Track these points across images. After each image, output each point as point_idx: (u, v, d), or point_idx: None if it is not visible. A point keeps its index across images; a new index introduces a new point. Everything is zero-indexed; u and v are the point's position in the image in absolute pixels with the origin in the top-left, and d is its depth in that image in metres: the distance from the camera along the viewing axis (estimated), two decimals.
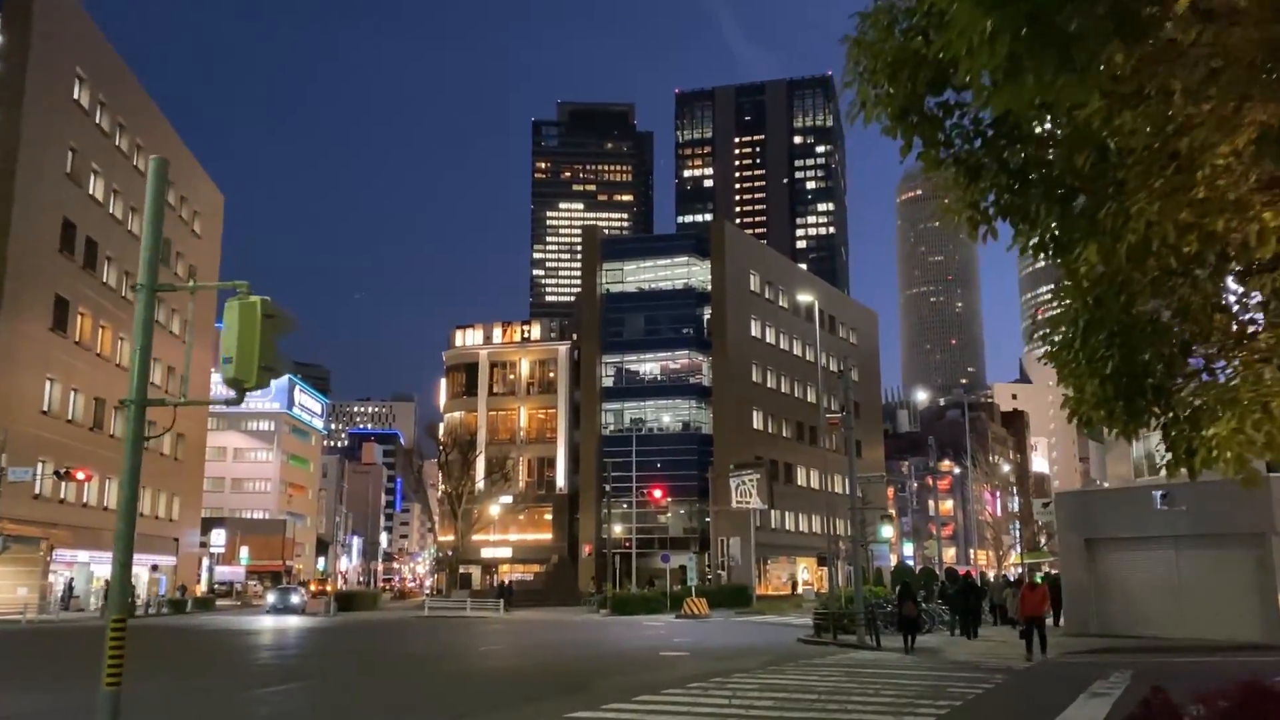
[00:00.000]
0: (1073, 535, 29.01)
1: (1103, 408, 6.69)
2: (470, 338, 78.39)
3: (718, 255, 71.98)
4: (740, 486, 61.55)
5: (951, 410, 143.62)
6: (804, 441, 78.02)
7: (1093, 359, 6.58)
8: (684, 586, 48.57)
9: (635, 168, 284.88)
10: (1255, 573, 24.18)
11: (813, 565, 73.45)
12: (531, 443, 75.07)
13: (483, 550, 73.42)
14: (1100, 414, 6.75)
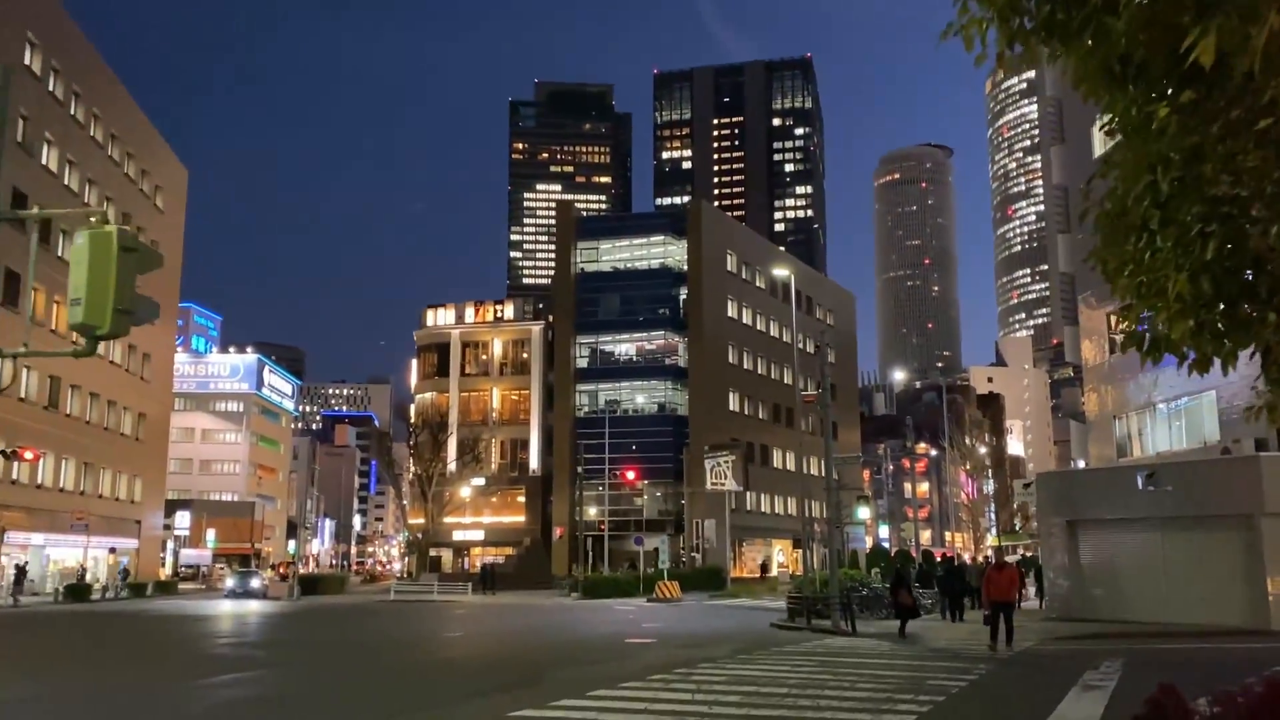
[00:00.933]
0: (1054, 517, 28.14)
1: (1190, 316, 4.81)
2: (442, 317, 76.89)
3: (694, 235, 70.77)
4: (715, 468, 60.63)
5: (928, 393, 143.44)
6: (780, 423, 77.16)
7: (1181, 241, 4.58)
8: (657, 569, 47.59)
9: (613, 149, 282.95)
10: (1242, 555, 23.35)
11: (788, 547, 72.72)
12: (504, 424, 73.77)
13: (454, 533, 72.19)
14: (1184, 326, 4.84)
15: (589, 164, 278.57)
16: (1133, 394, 29.88)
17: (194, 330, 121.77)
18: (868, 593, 28.94)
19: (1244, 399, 24.69)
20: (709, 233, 71.78)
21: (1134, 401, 29.81)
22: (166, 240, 66.21)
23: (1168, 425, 28.39)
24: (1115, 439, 30.82)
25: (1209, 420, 26.26)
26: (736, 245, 76.05)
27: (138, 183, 61.20)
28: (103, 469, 56.23)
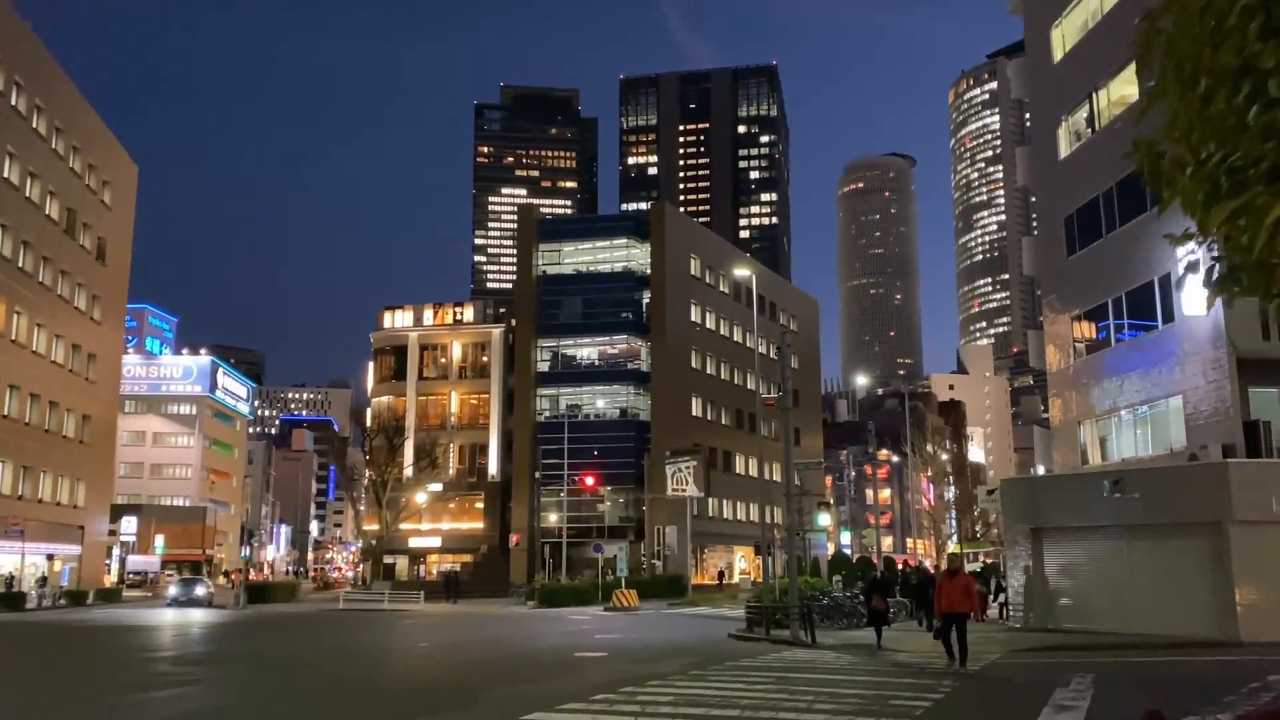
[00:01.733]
0: (1019, 524, 27.49)
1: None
2: (400, 319, 75.43)
3: (658, 238, 69.94)
4: (677, 474, 59.81)
5: (890, 400, 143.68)
6: (743, 429, 76.49)
7: None
8: (615, 577, 46.61)
9: (579, 154, 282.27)
10: (1210, 564, 22.77)
11: (750, 554, 71.99)
12: (463, 429, 72.46)
13: (411, 540, 70.76)
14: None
15: (554, 168, 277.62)
16: (1097, 399, 29.35)
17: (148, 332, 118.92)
18: (828, 602, 28.16)
19: (1210, 405, 24.18)
20: (672, 236, 70.99)
21: (1099, 407, 29.27)
22: (114, 238, 64.37)
23: (1133, 431, 27.86)
24: (1079, 445, 30.26)
25: (1175, 426, 25.71)
26: (700, 249, 75.35)
27: (84, 178, 59.31)
28: (43, 472, 54.24)
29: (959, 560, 18.92)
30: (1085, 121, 30.43)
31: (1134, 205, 27.36)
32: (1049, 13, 32.14)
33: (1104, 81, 29.21)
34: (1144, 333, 27.17)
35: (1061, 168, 31.51)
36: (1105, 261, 28.81)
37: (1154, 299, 26.47)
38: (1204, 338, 24.48)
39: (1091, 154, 29.78)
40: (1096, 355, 29.55)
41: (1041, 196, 33.25)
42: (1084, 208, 29.93)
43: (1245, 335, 23.69)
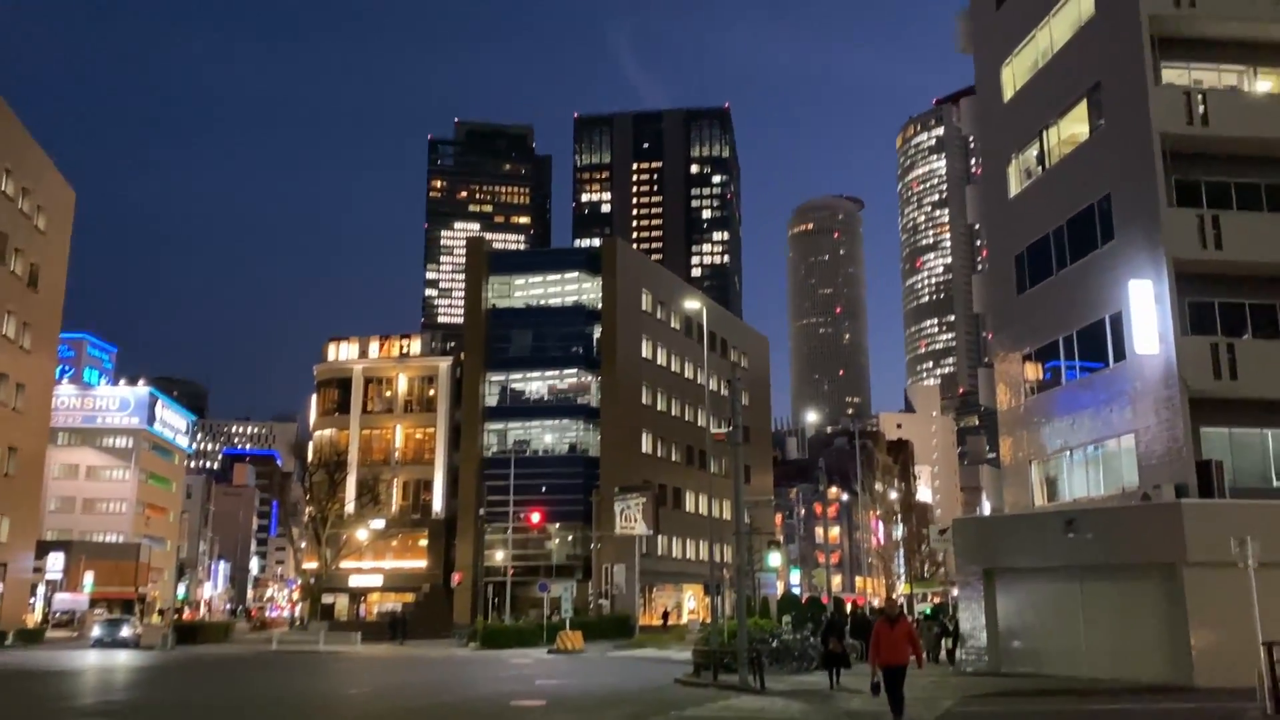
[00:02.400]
0: (971, 565, 27.00)
1: None
2: (345, 351, 73.83)
3: (609, 272, 69.40)
4: (625, 511, 58.74)
5: (839, 438, 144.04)
6: (693, 465, 75.81)
7: None
8: (560, 618, 45.38)
9: (533, 190, 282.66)
10: (1165, 607, 22.39)
11: (699, 593, 71.01)
12: (407, 464, 70.82)
13: (351, 578, 68.77)
14: None
15: (508, 204, 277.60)
16: (1048, 438, 29.11)
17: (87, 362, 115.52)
18: (778, 645, 27.35)
19: (1162, 444, 23.95)
20: (624, 271, 70.54)
21: (1049, 446, 29.02)
22: (48, 264, 62.36)
23: (1085, 471, 27.58)
24: (1030, 485, 29.96)
25: (1127, 465, 25.47)
26: (651, 284, 74.94)
27: (16, 202, 57.44)
28: None
29: (898, 607, 16.74)
30: (1036, 159, 30.46)
31: (1085, 242, 27.33)
32: (999, 52, 32.29)
33: (1054, 120, 29.28)
34: (1095, 371, 26.99)
35: (1012, 205, 31.50)
36: (1056, 299, 28.71)
37: (1105, 337, 26.33)
38: (1156, 376, 24.31)
39: (1042, 192, 29.78)
40: (1047, 394, 29.34)
41: (991, 234, 33.23)
42: (1034, 245, 29.87)
43: (1197, 374, 23.56)
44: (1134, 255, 25.06)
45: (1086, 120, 28.01)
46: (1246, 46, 26.22)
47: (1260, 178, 25.45)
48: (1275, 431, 24.60)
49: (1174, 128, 24.54)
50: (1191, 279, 24.47)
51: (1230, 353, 23.60)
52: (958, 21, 35.47)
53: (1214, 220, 24.18)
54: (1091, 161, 27.26)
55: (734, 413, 24.41)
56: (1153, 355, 24.19)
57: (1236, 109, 25.11)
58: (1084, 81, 27.50)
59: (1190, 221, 24.22)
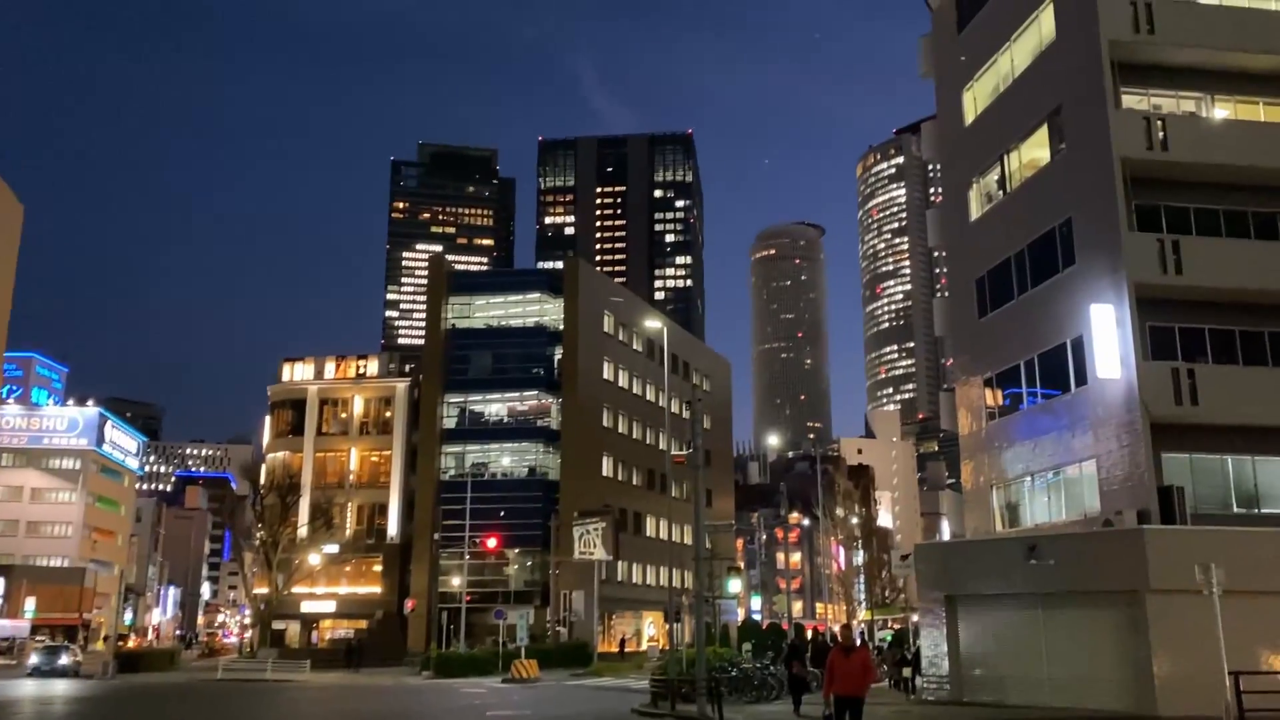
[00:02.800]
0: (933, 591, 26.61)
1: None
2: (300, 372, 72.54)
3: (571, 293, 68.90)
4: (584, 536, 57.95)
5: (800, 462, 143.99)
6: (655, 490, 75.18)
7: None
8: (515, 645, 44.45)
9: (497, 212, 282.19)
10: (1127, 634, 22.11)
11: (659, 620, 70.13)
12: (362, 487, 69.56)
13: (303, 604, 67.22)
14: None
15: (471, 226, 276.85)
16: (1009, 463, 28.90)
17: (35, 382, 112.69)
18: (737, 673, 26.75)
19: (1124, 470, 23.77)
20: (586, 292, 70.05)
21: (1010, 471, 28.81)
22: None
23: (1046, 496, 27.38)
24: (991, 510, 29.71)
25: (1089, 491, 25.26)
26: (614, 306, 74.45)
27: None
28: None
29: (854, 635, 15.83)
30: (996, 183, 30.44)
31: (1046, 267, 27.24)
32: (961, 76, 32.33)
33: (1015, 144, 29.29)
34: (1056, 396, 26.84)
35: (973, 229, 31.44)
36: (1017, 323, 28.59)
37: (1066, 362, 26.20)
38: (1117, 401, 24.17)
39: (1003, 216, 29.74)
40: (1008, 419, 29.15)
41: (952, 258, 33.16)
42: (995, 269, 29.78)
43: (1158, 399, 23.44)
44: (1095, 279, 24.98)
45: (1047, 145, 28.03)
46: (1204, 74, 26.37)
47: (1219, 203, 25.52)
48: (1235, 457, 24.53)
49: (1134, 152, 24.55)
50: (1152, 304, 24.41)
51: (1191, 378, 23.52)
52: (920, 46, 35.54)
53: (1174, 245, 24.16)
54: (1052, 186, 27.24)
55: (694, 435, 23.92)
56: (1114, 380, 24.05)
57: (1195, 135, 25.19)
58: (1045, 106, 27.52)
59: (1151, 246, 24.19)
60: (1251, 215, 25.57)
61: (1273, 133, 25.86)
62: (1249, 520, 24.01)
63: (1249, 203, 25.60)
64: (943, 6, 33.78)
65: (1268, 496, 24.57)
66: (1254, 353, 24.85)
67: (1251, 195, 25.60)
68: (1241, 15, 26.30)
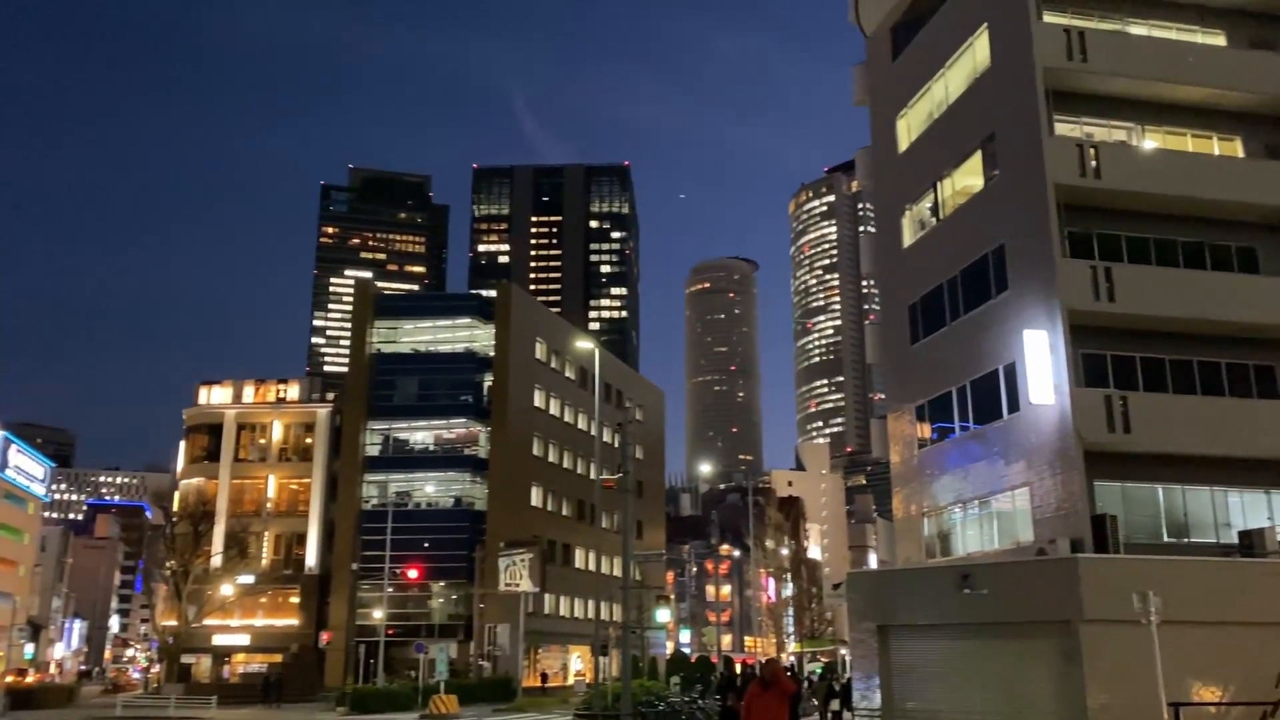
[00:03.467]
0: (865, 622, 25.95)
1: None
2: (218, 395, 70.02)
3: (502, 319, 67.68)
4: (511, 567, 56.53)
5: (732, 494, 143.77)
6: (585, 521, 73.95)
7: None
8: (436, 680, 42.83)
9: (429, 240, 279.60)
10: (1061, 665, 21.61)
11: (586, 654, 68.72)
12: (280, 516, 67.16)
13: (215, 637, 64.45)
14: None
15: (403, 252, 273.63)
16: (941, 492, 28.54)
17: None
18: (664, 708, 25.76)
19: (1056, 498, 23.46)
20: (518, 318, 68.90)
21: (943, 499, 28.42)
22: None
23: (979, 525, 27.01)
24: (923, 539, 29.28)
25: (1021, 519, 24.93)
26: (546, 333, 73.41)
27: None
28: None
29: (774, 669, 13.88)
30: (930, 210, 30.31)
31: (978, 293, 27.04)
32: (895, 103, 32.27)
33: (948, 171, 29.18)
34: (989, 424, 26.53)
35: (905, 256, 31.25)
36: (949, 350, 28.33)
37: (999, 388, 25.94)
38: (1050, 429, 23.90)
39: (936, 242, 29.58)
40: (940, 446, 28.81)
41: (885, 284, 32.94)
42: (927, 295, 29.55)
43: (1091, 426, 23.21)
44: (1028, 306, 24.79)
45: (981, 171, 27.95)
46: (1135, 104, 26.54)
47: (1149, 232, 25.60)
48: (1166, 486, 24.41)
49: (1068, 179, 24.49)
50: (1084, 331, 24.26)
51: (1124, 405, 23.35)
52: (854, 74, 35.51)
53: (1106, 272, 24.08)
54: (985, 212, 27.12)
55: (624, 458, 23.06)
56: (1047, 407, 23.79)
57: (1127, 163, 25.24)
58: (979, 132, 27.45)
59: (1084, 273, 24.08)
60: (1181, 245, 25.69)
61: (1201, 164, 26.08)
62: (1179, 550, 23.86)
63: (1178, 232, 25.73)
64: (877, 34, 33.80)
65: (1197, 526, 24.48)
66: (1183, 381, 24.85)
67: (1181, 225, 25.75)
68: (1171, 47, 26.59)
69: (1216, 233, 25.92)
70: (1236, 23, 27.54)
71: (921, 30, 31.01)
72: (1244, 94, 26.38)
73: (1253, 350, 25.37)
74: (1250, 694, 20.83)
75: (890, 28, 32.89)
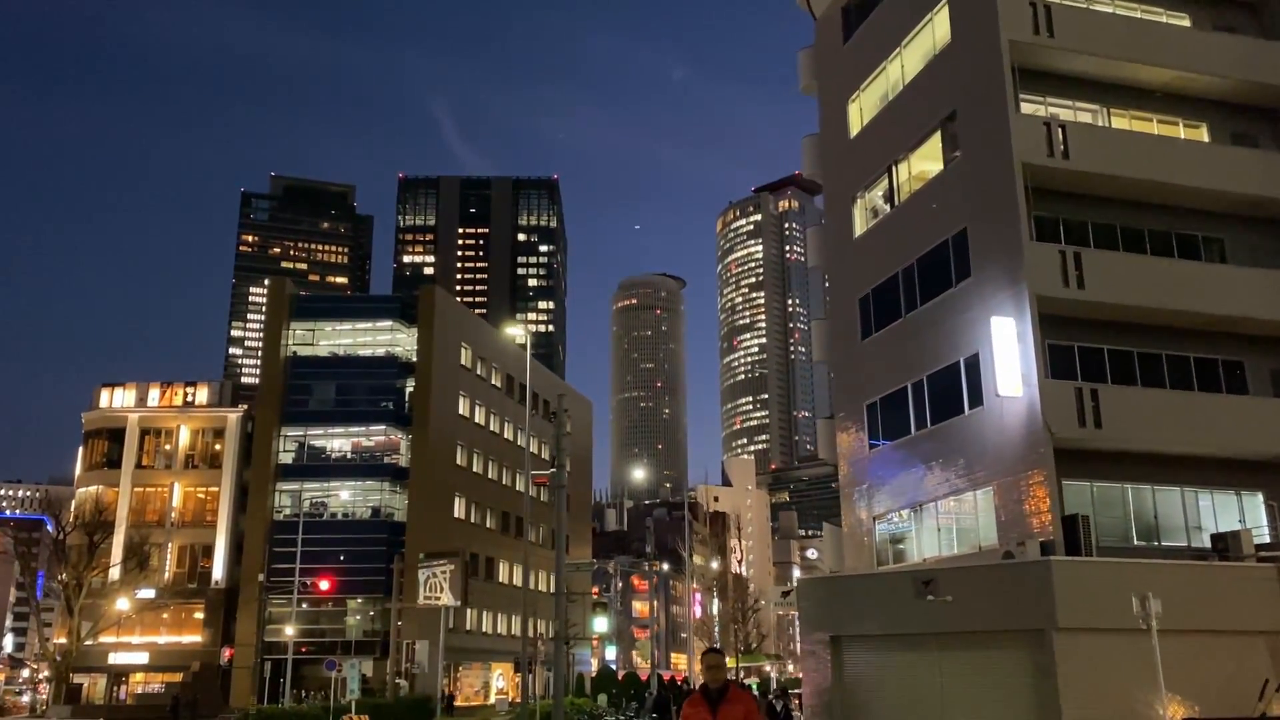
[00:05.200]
0: (817, 632, 24.06)
1: None
2: (120, 398, 65.75)
3: (426, 323, 64.82)
4: (431, 579, 53.44)
5: (658, 509, 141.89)
6: (509, 533, 71.23)
7: None
8: (347, 699, 39.81)
9: (352, 250, 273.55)
10: (1032, 678, 19.96)
11: (509, 671, 65.88)
12: (186, 526, 63.19)
13: (112, 655, 60.22)
14: None
15: (325, 263, 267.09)
16: (895, 494, 26.84)
17: None
18: None
19: (1023, 496, 21.87)
20: (442, 322, 66.09)
21: (896, 502, 26.73)
22: None
23: (936, 528, 25.32)
24: (874, 545, 27.54)
25: (985, 522, 23.31)
26: (472, 338, 70.67)
27: None
28: None
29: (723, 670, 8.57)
30: (884, 197, 28.76)
31: (938, 281, 25.49)
32: (846, 87, 30.74)
33: (904, 154, 27.67)
34: (948, 420, 24.92)
35: (857, 246, 29.64)
36: (904, 344, 26.73)
37: (959, 382, 24.35)
38: (1017, 423, 22.33)
39: (890, 230, 28.01)
40: (893, 445, 27.12)
41: (834, 277, 31.28)
42: (881, 287, 27.95)
43: (1061, 421, 21.68)
44: (993, 293, 23.26)
45: (939, 154, 26.48)
46: (1101, 85, 25.34)
47: (1117, 219, 24.34)
48: (1135, 486, 23.03)
49: (1035, 159, 23.07)
50: (1050, 321, 22.80)
51: (1095, 399, 21.89)
52: (800, 59, 33.95)
53: (1076, 258, 22.68)
54: (945, 196, 25.61)
55: (558, 448, 20.87)
56: (1014, 399, 22.22)
57: (1095, 144, 23.92)
58: (938, 112, 25.98)
59: (1053, 258, 22.64)
60: (1148, 233, 24.47)
61: (1171, 148, 24.93)
62: (1149, 553, 22.49)
63: (1146, 220, 24.53)
64: (827, 15, 32.28)
65: (1167, 529, 23.15)
66: (1152, 376, 23.56)
67: (1148, 213, 24.56)
68: (1138, 26, 25.46)
69: (1184, 221, 24.79)
70: (1201, 5, 26.60)
71: (875, 9, 29.54)
72: (1210, 77, 25.34)
73: (1221, 344, 24.23)
74: (1229, 708, 19.43)
75: (842, 8, 31.36)
